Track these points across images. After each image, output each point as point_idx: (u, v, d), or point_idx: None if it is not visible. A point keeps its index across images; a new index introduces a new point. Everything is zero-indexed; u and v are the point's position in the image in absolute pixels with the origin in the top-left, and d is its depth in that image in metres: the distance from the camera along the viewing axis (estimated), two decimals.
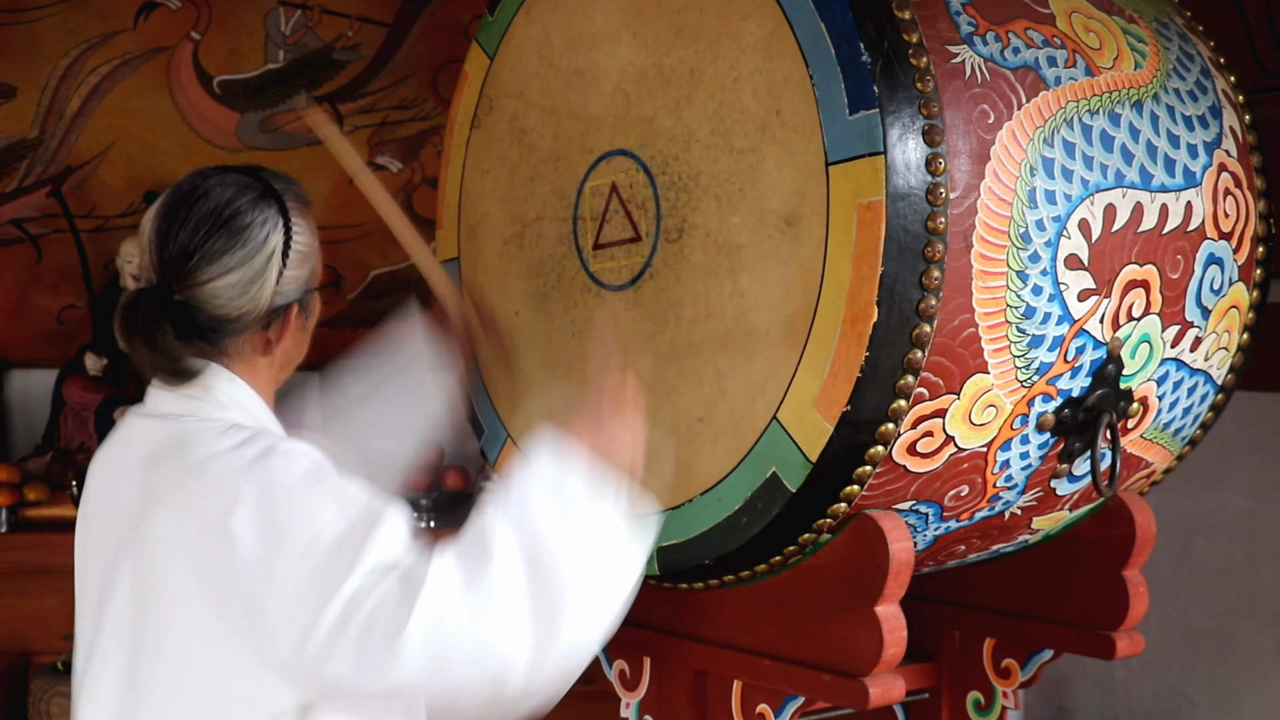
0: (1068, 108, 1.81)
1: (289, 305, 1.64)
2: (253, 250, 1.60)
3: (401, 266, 4.39)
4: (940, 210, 1.69)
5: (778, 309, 1.80)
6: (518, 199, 2.22)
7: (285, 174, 1.70)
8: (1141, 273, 1.88)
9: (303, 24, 4.37)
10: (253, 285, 1.60)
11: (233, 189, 1.62)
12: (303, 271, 1.65)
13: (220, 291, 1.59)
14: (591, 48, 2.08)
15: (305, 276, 1.66)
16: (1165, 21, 2.04)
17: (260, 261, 1.60)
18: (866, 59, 1.70)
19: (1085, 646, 2.14)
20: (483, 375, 2.29)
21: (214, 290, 1.59)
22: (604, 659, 2.29)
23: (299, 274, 1.64)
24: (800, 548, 1.88)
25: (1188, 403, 2.05)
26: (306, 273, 1.66)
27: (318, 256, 1.68)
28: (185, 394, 1.62)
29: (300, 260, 1.64)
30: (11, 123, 4.24)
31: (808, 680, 1.91)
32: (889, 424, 1.75)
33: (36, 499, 3.87)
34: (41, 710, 3.51)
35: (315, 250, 1.67)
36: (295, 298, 1.65)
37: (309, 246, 1.66)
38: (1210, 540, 3.42)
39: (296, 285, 1.64)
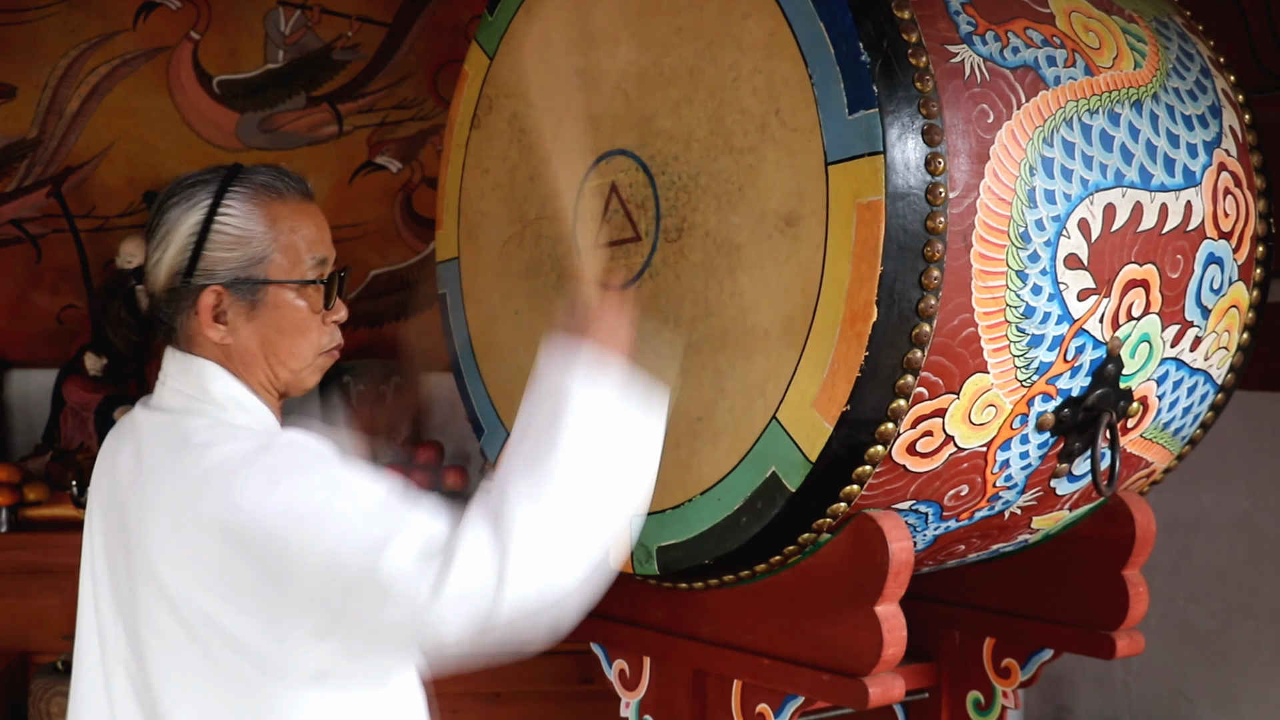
0: (1067, 107, 1.81)
1: (212, 288, 1.60)
2: (171, 224, 1.62)
3: (401, 266, 4.39)
4: (940, 210, 1.69)
5: (777, 308, 1.80)
6: (518, 198, 2.22)
7: (276, 167, 1.68)
8: (1141, 272, 1.88)
9: (302, 24, 4.37)
10: (170, 260, 1.61)
11: (189, 179, 1.65)
12: (234, 254, 1.61)
13: (151, 268, 1.64)
14: (591, 48, 2.08)
15: (240, 261, 1.61)
16: (1165, 21, 2.04)
17: (175, 235, 1.61)
18: (866, 58, 1.70)
19: (1085, 646, 2.14)
20: (481, 371, 2.29)
21: (149, 267, 1.64)
22: (604, 659, 2.29)
23: (228, 256, 1.60)
24: (800, 547, 1.88)
25: (1188, 402, 2.05)
26: (241, 257, 1.61)
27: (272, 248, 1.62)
28: (185, 391, 1.63)
29: (230, 242, 1.60)
30: (11, 123, 4.23)
31: (807, 680, 1.91)
32: (888, 424, 1.75)
33: (36, 499, 3.87)
34: (42, 710, 3.50)
35: (262, 239, 1.62)
36: (224, 280, 1.60)
37: (245, 231, 1.61)
38: (1210, 540, 3.42)
39: (226, 268, 1.60)
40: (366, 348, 4.31)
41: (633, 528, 1.96)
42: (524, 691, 3.65)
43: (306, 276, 1.64)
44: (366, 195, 4.37)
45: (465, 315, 2.33)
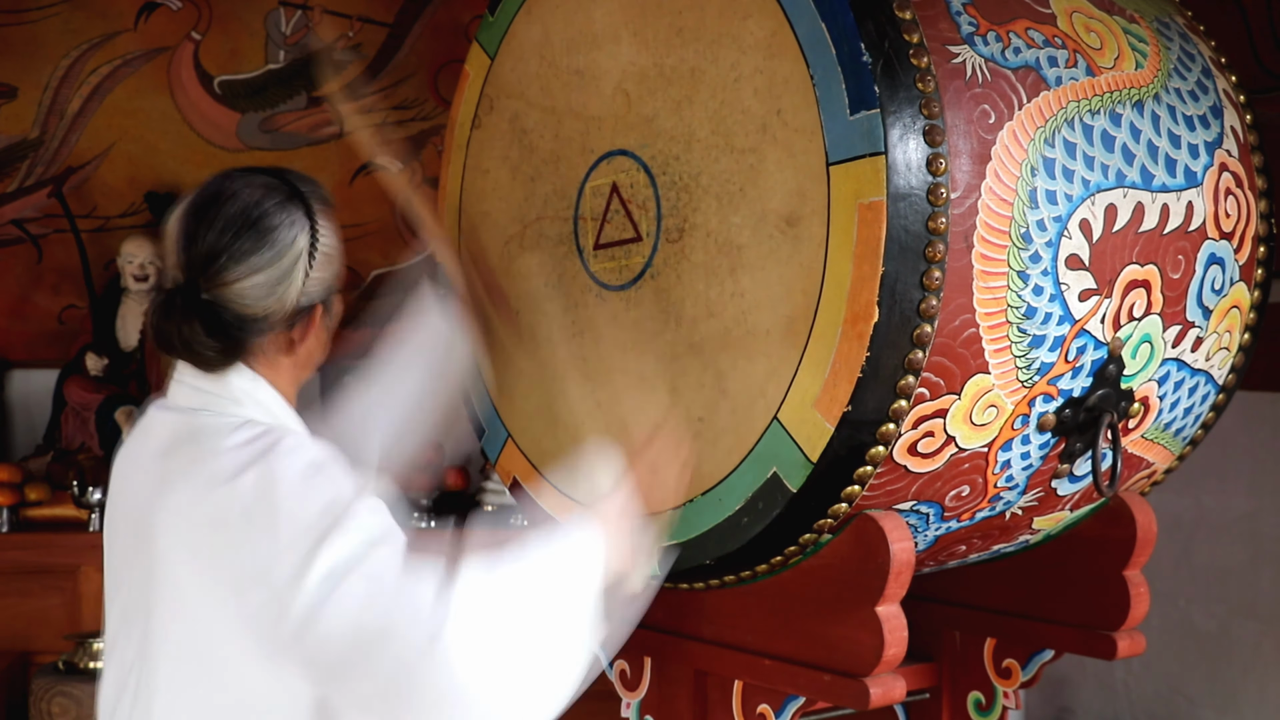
0: (1069, 108, 1.81)
1: (313, 306, 1.65)
2: (280, 251, 1.61)
3: (402, 266, 4.39)
4: (941, 210, 1.69)
5: (778, 309, 1.80)
6: (518, 199, 2.22)
7: (309, 176, 1.71)
8: (1142, 273, 1.88)
9: (303, 24, 4.37)
10: (279, 286, 1.61)
11: (260, 191, 1.63)
12: (327, 273, 1.66)
13: (247, 292, 1.60)
14: (592, 48, 2.08)
15: (329, 278, 1.67)
16: (1166, 21, 2.04)
17: (287, 263, 1.61)
18: (867, 59, 1.70)
19: (1086, 647, 2.14)
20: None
21: (241, 290, 1.60)
22: (605, 659, 2.29)
23: (324, 275, 1.65)
24: (801, 548, 1.88)
25: (1189, 403, 2.05)
26: (331, 274, 1.67)
27: (341, 258, 1.70)
28: (203, 389, 1.63)
29: (325, 262, 1.65)
30: (13, 123, 4.24)
31: (808, 680, 1.91)
32: (890, 424, 1.75)
33: (37, 499, 3.88)
34: (43, 710, 3.51)
35: (339, 252, 1.69)
36: (320, 299, 1.66)
37: (333, 248, 1.67)
38: (1211, 540, 3.42)
39: (321, 286, 1.65)
40: (367, 348, 4.31)
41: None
42: None
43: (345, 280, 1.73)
44: (367, 195, 4.37)
45: None
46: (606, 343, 2.05)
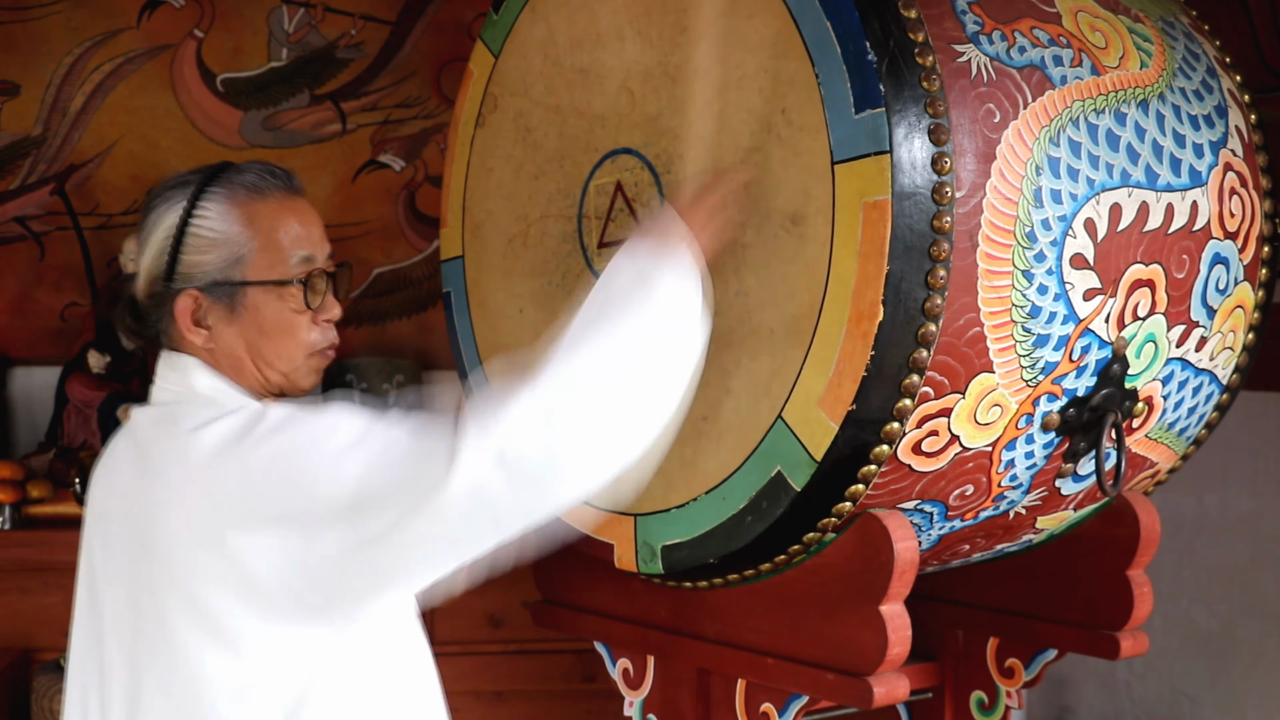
0: (1074, 107, 1.81)
1: (188, 291, 1.58)
2: (149, 228, 1.61)
3: (404, 265, 4.39)
4: (946, 209, 1.69)
5: (783, 308, 1.79)
6: (522, 197, 2.22)
7: (263, 163, 1.65)
8: (1147, 272, 1.87)
9: (306, 22, 4.37)
10: (149, 266, 1.61)
11: (176, 176, 1.64)
12: (209, 257, 1.58)
13: (138, 274, 1.64)
14: (596, 46, 2.08)
15: (217, 263, 1.58)
16: (1171, 21, 2.04)
17: (152, 239, 1.61)
18: (872, 58, 1.70)
19: (1089, 646, 2.14)
20: (485, 369, 2.29)
21: (137, 274, 1.64)
22: (608, 657, 2.29)
23: (204, 259, 1.58)
24: (805, 547, 1.88)
25: (1193, 402, 2.04)
26: (217, 259, 1.58)
27: (249, 248, 1.59)
28: (173, 388, 1.63)
29: (205, 245, 1.58)
30: (15, 120, 4.23)
31: (812, 679, 1.91)
32: (894, 423, 1.75)
33: (39, 496, 3.87)
34: (44, 707, 3.50)
35: (240, 240, 1.59)
36: (201, 284, 1.58)
37: (221, 233, 1.58)
38: (1214, 540, 3.41)
39: (202, 271, 1.58)
40: (370, 346, 4.31)
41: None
42: (527, 690, 3.65)
43: (290, 275, 1.60)
44: (370, 193, 4.37)
45: (469, 314, 2.33)
46: None
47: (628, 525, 2.03)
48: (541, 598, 2.39)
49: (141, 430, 1.65)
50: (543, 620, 2.39)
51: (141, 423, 1.66)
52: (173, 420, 1.59)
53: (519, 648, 3.61)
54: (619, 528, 2.04)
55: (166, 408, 1.63)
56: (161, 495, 1.55)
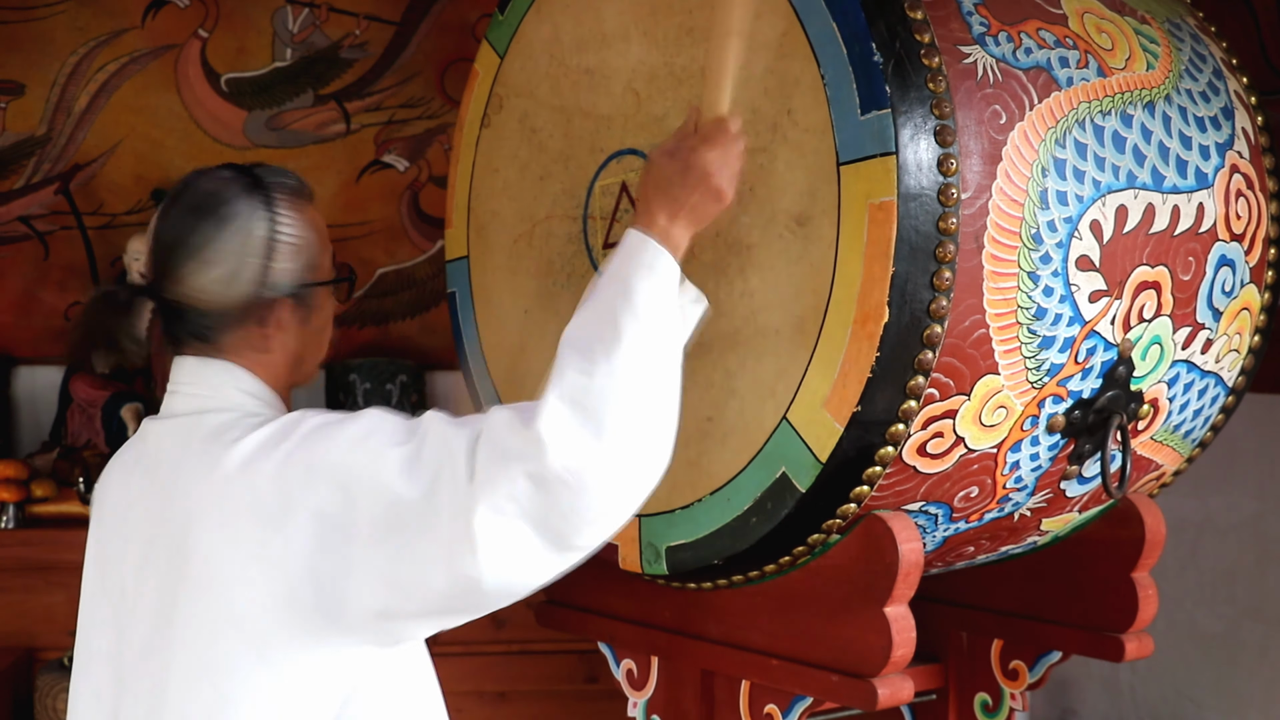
0: (1080, 108, 1.81)
1: (279, 299, 1.61)
2: (233, 241, 1.58)
3: (408, 264, 4.40)
4: (952, 211, 1.69)
5: (788, 309, 1.79)
6: (528, 198, 2.22)
7: (285, 169, 1.68)
8: (1153, 274, 1.87)
9: (310, 22, 4.37)
10: (235, 277, 1.58)
11: (218, 182, 1.62)
12: (294, 264, 1.61)
13: (204, 285, 1.58)
14: (602, 47, 2.08)
15: (298, 270, 1.61)
16: (1177, 22, 2.03)
17: (242, 253, 1.58)
18: (878, 59, 1.70)
19: (1094, 648, 2.14)
20: (490, 369, 2.29)
21: (198, 284, 1.58)
22: (611, 658, 2.29)
23: (290, 267, 1.60)
24: (809, 548, 1.88)
25: (1198, 405, 2.04)
26: (300, 266, 1.61)
27: (318, 250, 1.64)
28: (200, 395, 1.62)
29: (291, 253, 1.60)
30: (20, 120, 4.24)
31: (816, 681, 1.91)
32: (899, 425, 1.75)
33: (43, 495, 3.88)
34: (48, 706, 3.51)
35: (313, 244, 1.63)
36: (287, 291, 1.61)
37: (301, 239, 1.62)
38: (1218, 542, 3.41)
39: (288, 278, 1.60)
40: (373, 346, 4.31)
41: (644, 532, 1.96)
42: (530, 691, 3.65)
43: (333, 274, 1.67)
44: (373, 194, 4.38)
45: (474, 314, 2.33)
46: None
47: (632, 526, 2.03)
48: (545, 598, 2.39)
49: (161, 443, 1.62)
50: (546, 621, 2.39)
51: (160, 435, 1.63)
52: (204, 431, 1.57)
53: (522, 648, 3.61)
54: (623, 528, 2.03)
55: (193, 419, 1.60)
56: (196, 507, 1.53)
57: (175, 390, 1.65)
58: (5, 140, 4.22)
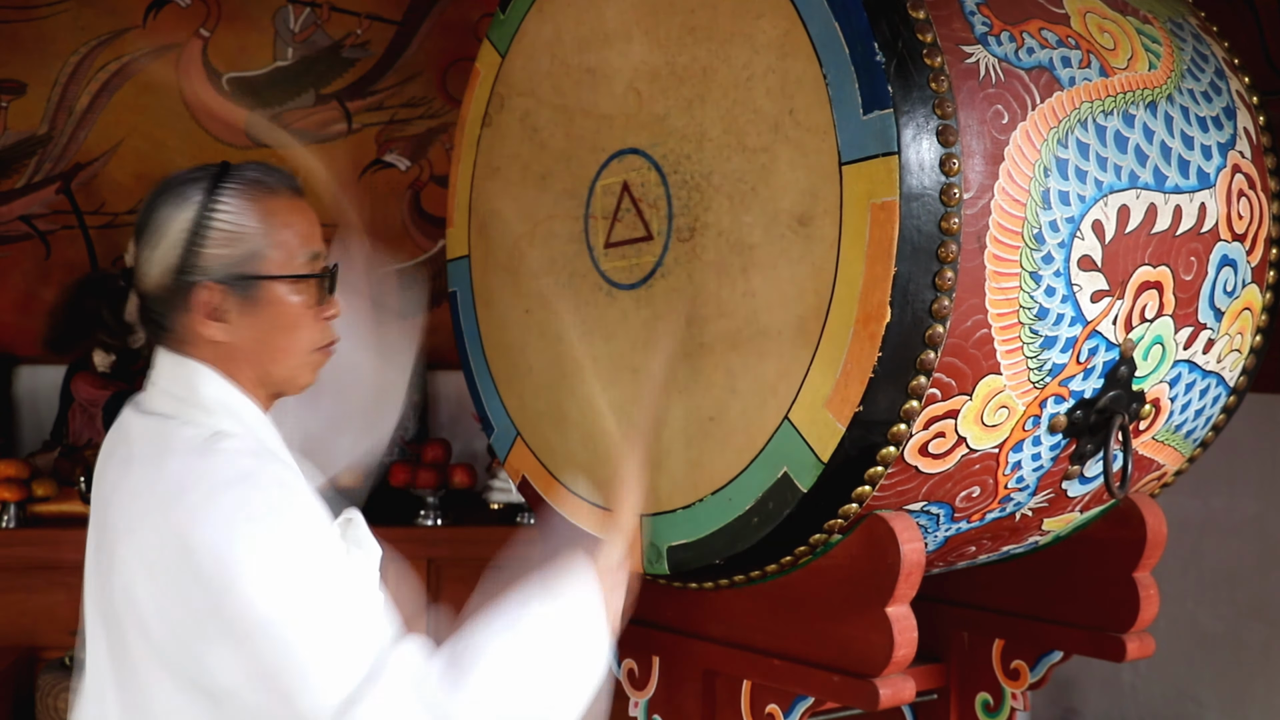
0: (1082, 108, 1.81)
1: (210, 284, 1.59)
2: (163, 222, 1.60)
3: (409, 264, 4.40)
4: (954, 211, 1.69)
5: (790, 309, 1.79)
6: (529, 197, 2.22)
7: (264, 164, 1.67)
8: (1155, 274, 1.87)
9: (312, 21, 4.38)
10: (163, 256, 1.59)
11: (188, 174, 1.63)
12: (230, 251, 1.59)
13: (143, 266, 1.61)
14: (604, 46, 2.08)
15: (236, 257, 1.59)
16: (1180, 22, 2.03)
17: (167, 232, 1.59)
18: (881, 59, 1.70)
19: (1095, 648, 2.14)
20: (490, 369, 2.29)
21: (141, 266, 1.61)
22: (613, 657, 2.28)
23: (220, 252, 1.59)
24: (811, 548, 1.88)
25: (1200, 405, 2.04)
26: (236, 253, 1.59)
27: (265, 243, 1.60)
28: (176, 394, 1.62)
29: (222, 239, 1.59)
30: (21, 119, 4.24)
31: (818, 680, 1.91)
32: (901, 424, 1.75)
33: (44, 495, 3.88)
34: (49, 705, 3.51)
35: (257, 235, 1.60)
36: (219, 278, 1.59)
37: (239, 227, 1.59)
38: (1220, 542, 3.41)
39: (218, 264, 1.59)
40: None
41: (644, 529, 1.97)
42: None
43: (300, 272, 1.62)
44: (375, 192, 4.38)
45: (475, 313, 2.33)
46: (617, 341, 2.05)
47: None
48: None
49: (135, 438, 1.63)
50: None
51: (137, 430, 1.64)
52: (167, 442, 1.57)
53: None
54: None
55: (165, 424, 1.60)
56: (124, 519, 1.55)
57: (154, 383, 1.66)
58: (7, 139, 4.22)
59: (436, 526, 3.96)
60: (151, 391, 1.65)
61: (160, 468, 1.54)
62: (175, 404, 1.62)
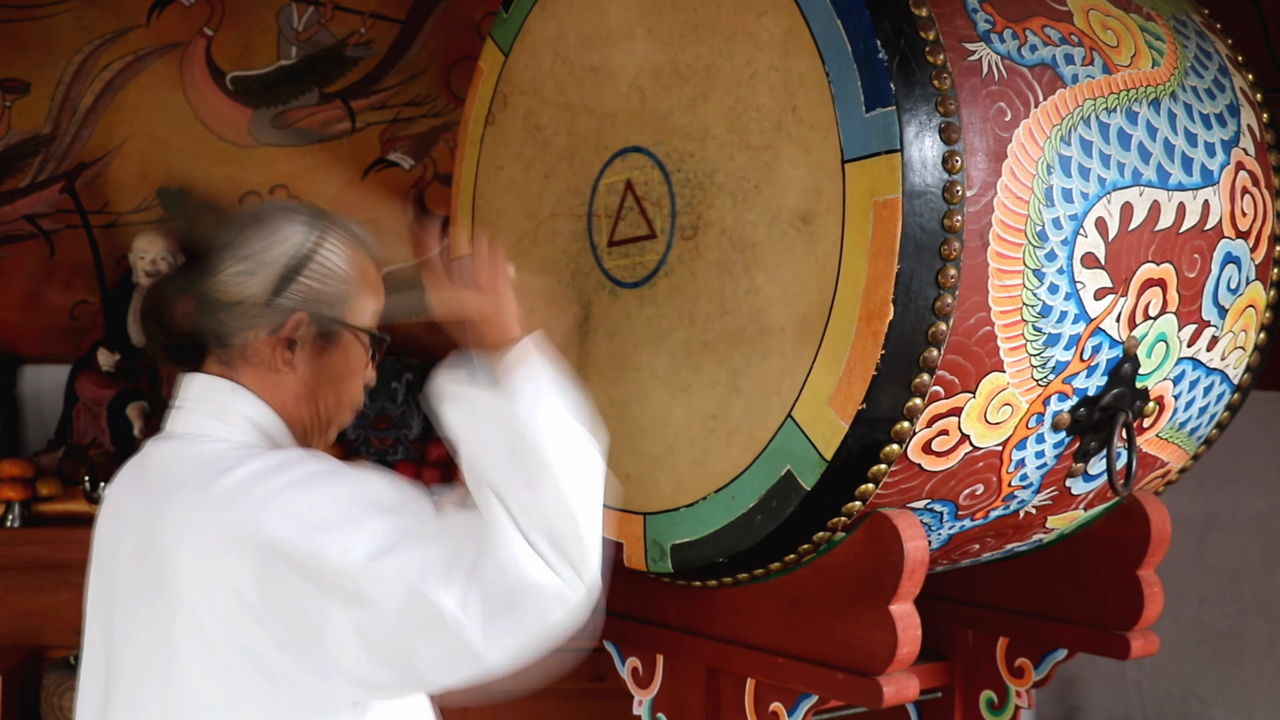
0: (1085, 105, 1.81)
1: (297, 312, 1.59)
2: (269, 242, 1.60)
3: (411, 265, 4.40)
4: (957, 208, 1.69)
5: (793, 306, 1.79)
6: (532, 195, 2.22)
7: (359, 223, 1.71)
8: (1158, 271, 1.87)
9: (315, 20, 4.37)
10: (256, 272, 1.59)
11: (284, 206, 1.66)
12: (325, 288, 1.61)
13: (229, 275, 1.60)
14: (607, 44, 2.08)
15: (325, 295, 1.61)
16: (1183, 19, 2.03)
17: (272, 253, 1.59)
18: (883, 56, 1.69)
19: (1100, 646, 2.14)
20: None
21: (225, 275, 1.60)
22: (617, 656, 2.29)
23: (316, 286, 1.60)
24: (815, 546, 1.88)
25: (1204, 402, 2.04)
26: (328, 292, 1.61)
27: (355, 295, 1.64)
28: (204, 414, 1.61)
29: (320, 274, 1.61)
30: (25, 118, 4.24)
31: (821, 679, 1.90)
32: (904, 422, 1.74)
33: (49, 494, 3.88)
34: (54, 705, 3.51)
35: (351, 284, 1.63)
36: (309, 310, 1.60)
37: (338, 270, 1.62)
38: (1224, 540, 3.41)
39: (311, 297, 1.60)
40: None
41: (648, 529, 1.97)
42: (535, 689, 3.65)
43: (369, 326, 1.66)
44: (379, 192, 4.37)
45: None
46: (620, 339, 2.05)
47: (637, 524, 2.03)
48: None
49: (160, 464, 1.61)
50: None
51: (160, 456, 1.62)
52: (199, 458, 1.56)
53: None
54: (628, 526, 2.04)
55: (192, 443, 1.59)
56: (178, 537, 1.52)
57: (181, 405, 1.64)
58: (11, 139, 4.23)
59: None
60: (177, 415, 1.63)
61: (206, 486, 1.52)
62: (203, 423, 1.60)
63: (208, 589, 1.49)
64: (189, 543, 1.51)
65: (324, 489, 1.50)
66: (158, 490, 1.58)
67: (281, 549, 1.46)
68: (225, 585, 1.48)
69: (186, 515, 1.53)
